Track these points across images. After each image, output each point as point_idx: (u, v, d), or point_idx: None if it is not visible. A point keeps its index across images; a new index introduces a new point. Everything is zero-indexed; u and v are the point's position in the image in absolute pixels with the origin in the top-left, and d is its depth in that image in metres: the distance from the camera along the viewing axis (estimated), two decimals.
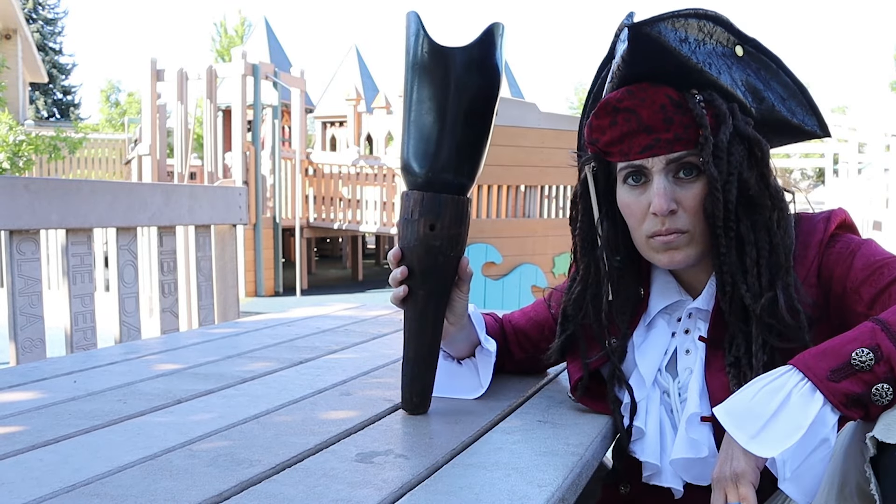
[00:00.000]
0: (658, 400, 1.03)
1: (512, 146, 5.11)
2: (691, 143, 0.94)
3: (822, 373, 0.79)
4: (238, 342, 1.63)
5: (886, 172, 9.03)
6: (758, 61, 1.01)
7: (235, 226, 2.81)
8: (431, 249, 0.97)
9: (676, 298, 1.06)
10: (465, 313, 1.08)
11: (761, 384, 0.82)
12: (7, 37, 13.96)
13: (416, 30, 0.95)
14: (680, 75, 0.95)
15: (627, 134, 0.96)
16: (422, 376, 1.03)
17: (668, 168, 0.96)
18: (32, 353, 1.97)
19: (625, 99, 0.96)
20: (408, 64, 0.96)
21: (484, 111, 0.97)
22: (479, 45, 0.94)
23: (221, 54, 23.03)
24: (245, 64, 8.80)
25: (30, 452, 0.86)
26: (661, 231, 0.96)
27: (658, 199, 0.94)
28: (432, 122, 0.95)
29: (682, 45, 0.94)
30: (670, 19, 0.93)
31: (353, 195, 9.57)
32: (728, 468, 0.82)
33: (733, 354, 0.96)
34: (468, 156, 0.97)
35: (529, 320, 1.22)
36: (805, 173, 20.18)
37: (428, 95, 0.95)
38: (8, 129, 9.13)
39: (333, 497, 0.72)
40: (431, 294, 1.00)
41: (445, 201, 0.96)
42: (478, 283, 5.03)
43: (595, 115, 0.99)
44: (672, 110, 0.94)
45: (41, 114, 27.83)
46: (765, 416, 0.80)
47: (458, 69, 0.93)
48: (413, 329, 1.02)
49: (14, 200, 1.91)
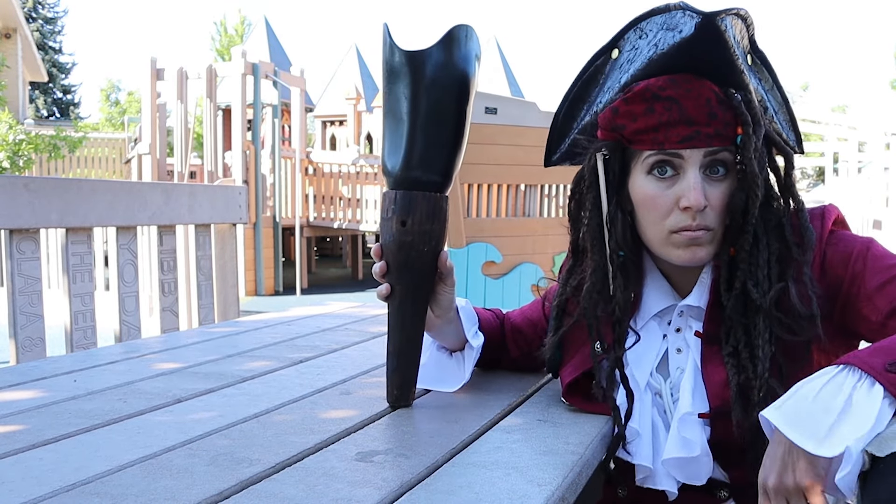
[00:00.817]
0: (650, 402, 1.02)
1: (512, 145, 5.11)
2: (728, 139, 0.94)
3: (879, 366, 0.78)
4: (238, 341, 1.63)
5: (886, 171, 9.04)
6: (760, 72, 1.03)
7: (235, 225, 2.81)
8: (403, 245, 1.00)
9: (670, 302, 1.05)
10: (451, 306, 1.09)
11: (818, 385, 0.80)
12: (7, 36, 13.95)
13: (385, 38, 0.99)
14: (721, 73, 0.94)
15: (666, 123, 0.94)
16: (402, 369, 1.06)
17: (703, 163, 0.95)
18: (32, 352, 1.97)
19: (668, 87, 0.94)
20: (382, 71, 1.01)
21: (454, 109, 0.99)
22: (441, 47, 0.97)
23: (221, 53, 23.02)
24: (245, 63, 8.80)
25: (30, 451, 0.86)
26: (692, 226, 0.95)
27: (695, 194, 0.93)
28: (402, 122, 0.99)
29: (736, 43, 0.94)
30: (731, 15, 0.93)
31: (352, 194, 9.58)
32: (791, 479, 0.78)
33: (731, 345, 0.96)
34: (440, 153, 1.00)
35: (525, 319, 1.23)
36: (805, 172, 20.17)
37: (398, 97, 0.99)
38: (8, 128, 9.13)
39: (333, 496, 0.72)
40: (408, 289, 1.03)
41: (416, 198, 1.00)
42: (478, 282, 5.03)
43: (626, 101, 0.96)
44: (716, 105, 0.94)
45: (41, 113, 27.83)
46: (830, 417, 0.77)
47: (423, 71, 0.97)
48: (392, 323, 1.05)
49: (14, 199, 1.91)
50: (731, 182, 0.96)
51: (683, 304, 1.03)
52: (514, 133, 5.08)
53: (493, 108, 5.00)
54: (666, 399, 1.02)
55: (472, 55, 0.99)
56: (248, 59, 8.96)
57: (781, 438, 0.79)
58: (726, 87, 0.95)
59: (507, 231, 5.29)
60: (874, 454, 0.71)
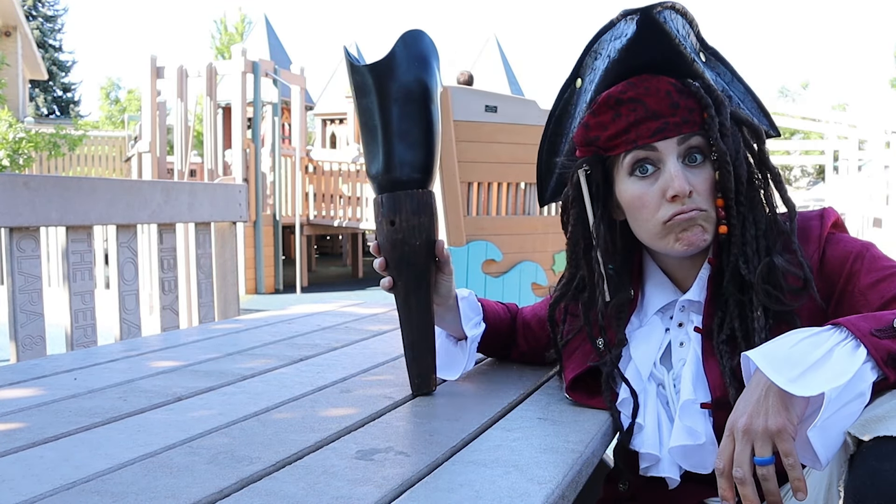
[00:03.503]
0: (654, 393, 1.04)
1: (511, 143, 5.11)
2: (695, 125, 0.98)
3: (865, 330, 0.80)
4: (238, 339, 1.63)
5: (886, 169, 9.04)
6: (716, 67, 1.07)
7: (235, 223, 2.81)
8: (396, 243, 1.06)
9: (672, 298, 1.08)
10: (450, 294, 1.14)
11: (802, 335, 0.82)
12: (7, 34, 13.95)
13: (346, 59, 1.06)
14: (673, 65, 0.99)
15: (634, 123, 0.98)
16: (419, 359, 1.11)
17: (679, 152, 0.98)
18: (33, 350, 1.97)
19: (628, 90, 0.98)
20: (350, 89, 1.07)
21: (420, 109, 1.04)
22: (395, 54, 1.03)
23: (221, 51, 23.01)
24: (245, 61, 8.79)
25: (30, 449, 0.86)
26: (684, 209, 0.97)
27: (678, 181, 0.96)
28: (376, 130, 1.05)
29: (682, 37, 0.99)
30: (668, 9, 0.98)
31: (353, 192, 9.57)
32: (762, 421, 0.78)
33: (725, 333, 0.98)
34: (416, 153, 1.05)
35: (535, 316, 1.28)
36: (805, 170, 20.17)
37: (366, 108, 1.05)
38: (8, 126, 9.12)
39: (334, 494, 0.72)
40: (409, 283, 1.08)
41: (400, 198, 1.05)
42: (478, 280, 5.03)
43: (594, 113, 1.01)
44: (677, 96, 0.98)
45: (41, 111, 27.81)
46: (806, 363, 0.78)
47: (384, 80, 1.03)
48: (402, 317, 1.10)
49: (14, 198, 1.91)
50: (711, 167, 0.99)
51: (684, 300, 1.05)
52: (514, 131, 5.08)
53: (494, 107, 5.00)
54: (669, 390, 1.04)
55: (428, 55, 1.05)
56: (249, 58, 8.96)
57: (759, 379, 0.81)
58: (682, 78, 1.00)
59: (507, 229, 5.29)
60: (859, 437, 0.71)
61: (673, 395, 1.03)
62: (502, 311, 1.28)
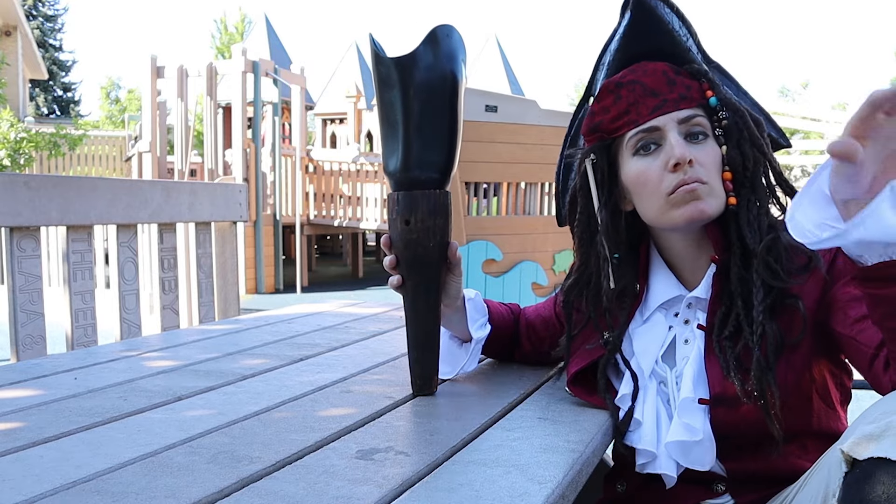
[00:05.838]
0: (655, 390, 1.04)
1: (512, 143, 5.10)
2: (693, 101, 1.01)
3: None
4: (238, 339, 1.63)
5: None
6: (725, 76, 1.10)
7: (236, 223, 2.81)
8: (410, 243, 1.04)
9: (676, 293, 1.08)
10: (458, 295, 1.14)
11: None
12: (7, 33, 13.95)
13: (371, 48, 1.03)
14: (668, 53, 1.04)
15: (633, 103, 1.01)
16: (422, 360, 1.10)
17: (680, 129, 1.00)
18: (33, 349, 1.97)
19: (627, 74, 1.03)
20: (373, 79, 1.05)
21: (445, 108, 1.03)
22: (425, 48, 1.00)
23: (222, 51, 23.02)
24: (245, 61, 8.80)
25: (30, 449, 0.86)
26: (686, 180, 0.98)
27: (679, 149, 0.98)
28: (397, 126, 1.03)
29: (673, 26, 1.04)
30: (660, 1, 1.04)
31: (353, 192, 9.57)
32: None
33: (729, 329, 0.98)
34: (436, 152, 1.04)
35: (539, 316, 1.28)
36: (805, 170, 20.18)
37: (389, 102, 1.03)
38: (8, 125, 9.12)
39: (334, 494, 0.72)
40: (420, 284, 1.07)
41: (417, 197, 1.03)
42: (478, 280, 5.03)
43: (596, 100, 1.05)
44: (673, 74, 1.02)
45: (41, 111, 27.82)
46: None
47: (411, 75, 1.00)
48: (409, 317, 1.10)
49: (14, 197, 1.91)
50: (715, 143, 1.02)
51: (692, 296, 1.05)
52: (514, 131, 5.07)
53: (494, 107, 4.99)
54: (671, 387, 1.04)
55: (457, 53, 1.03)
56: (249, 57, 8.96)
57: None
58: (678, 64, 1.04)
59: (507, 229, 5.28)
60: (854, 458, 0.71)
61: (674, 392, 1.03)
62: (506, 313, 1.28)
